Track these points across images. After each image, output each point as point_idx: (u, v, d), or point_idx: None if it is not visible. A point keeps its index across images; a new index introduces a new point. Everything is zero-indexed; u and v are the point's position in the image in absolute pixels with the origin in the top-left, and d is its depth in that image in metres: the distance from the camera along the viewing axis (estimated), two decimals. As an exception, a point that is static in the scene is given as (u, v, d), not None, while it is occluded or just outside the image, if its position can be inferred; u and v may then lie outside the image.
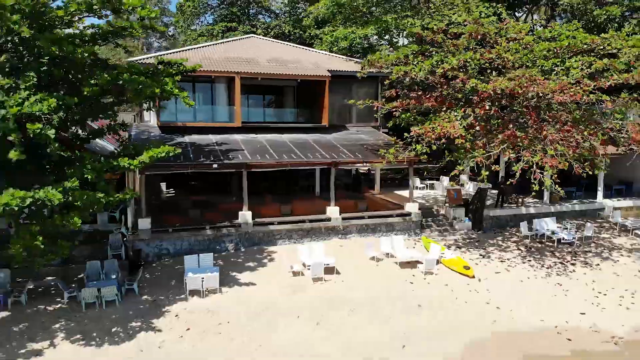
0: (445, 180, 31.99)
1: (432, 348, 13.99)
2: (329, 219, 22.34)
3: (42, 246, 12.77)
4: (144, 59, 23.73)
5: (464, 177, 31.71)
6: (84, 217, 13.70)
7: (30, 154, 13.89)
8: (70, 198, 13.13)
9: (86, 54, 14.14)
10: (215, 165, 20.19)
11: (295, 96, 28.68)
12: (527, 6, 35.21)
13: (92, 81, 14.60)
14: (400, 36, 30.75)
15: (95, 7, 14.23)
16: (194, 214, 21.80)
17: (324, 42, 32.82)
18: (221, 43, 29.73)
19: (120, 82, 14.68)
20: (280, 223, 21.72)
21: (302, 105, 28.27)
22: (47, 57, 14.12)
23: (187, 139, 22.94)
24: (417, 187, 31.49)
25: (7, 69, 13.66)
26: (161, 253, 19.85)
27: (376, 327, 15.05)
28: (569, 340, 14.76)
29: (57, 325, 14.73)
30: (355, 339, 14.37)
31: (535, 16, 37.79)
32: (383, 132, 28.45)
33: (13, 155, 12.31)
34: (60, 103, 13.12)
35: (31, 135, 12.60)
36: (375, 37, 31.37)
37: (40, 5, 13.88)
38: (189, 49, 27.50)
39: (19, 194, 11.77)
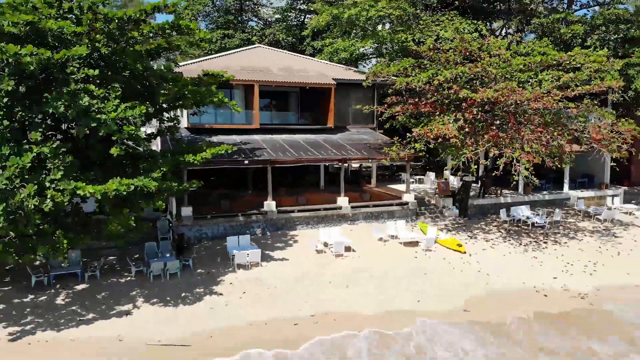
0: (431, 175, 36.05)
1: (440, 301, 17.77)
2: (340, 208, 25.90)
3: (134, 225, 15.94)
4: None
5: (447, 172, 35.68)
6: (163, 201, 16.90)
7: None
8: (152, 186, 16.28)
9: (165, 70, 17.34)
10: (246, 162, 23.50)
11: (303, 101, 32.06)
12: (502, 18, 39.54)
13: (162, 91, 17.80)
14: (392, 48, 34.42)
15: (167, 30, 17.39)
16: (224, 204, 24.99)
17: (325, 53, 36.33)
18: (233, 53, 32.86)
19: (185, 92, 17.90)
20: (299, 211, 25.17)
21: (310, 109, 31.70)
22: (127, 71, 17.22)
23: (214, 139, 26.05)
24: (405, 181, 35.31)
25: (97, 81, 16.69)
26: (201, 237, 23.06)
27: (393, 288, 18.70)
28: (545, 296, 18.75)
29: (133, 293, 17.87)
30: (378, 296, 18.00)
31: (508, 27, 42.15)
32: (379, 133, 32.15)
33: (114, 151, 15.45)
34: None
35: (126, 136, 15.69)
36: (369, 48, 35.05)
37: (123, 29, 16.98)
38: (208, 59, 30.51)
39: (125, 181, 14.91)
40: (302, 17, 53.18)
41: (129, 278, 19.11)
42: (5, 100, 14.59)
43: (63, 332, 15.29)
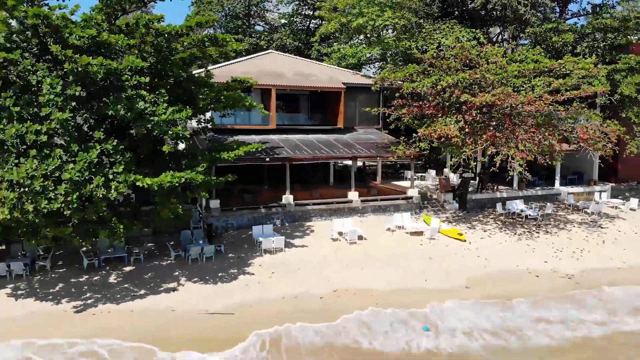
0: (432, 172, 38.63)
1: (445, 280, 20.31)
2: (350, 201, 28.40)
3: (182, 212, 18.36)
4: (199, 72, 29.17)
5: (446, 170, 38.27)
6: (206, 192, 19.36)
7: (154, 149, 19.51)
8: (196, 179, 18.72)
9: (206, 78, 19.77)
10: (267, 159, 25.96)
11: (313, 103, 34.53)
12: (498, 25, 42.10)
13: (201, 96, 20.24)
14: (396, 54, 36.95)
15: (207, 44, 19.81)
16: (247, 197, 27.47)
17: (333, 58, 38.85)
18: (250, 59, 35.16)
19: (221, 97, 20.34)
20: (314, 204, 27.66)
21: (319, 110, 34.19)
22: (172, 79, 19.65)
23: (236, 138, 28.39)
24: (407, 178, 37.86)
25: (147, 88, 19.07)
26: (228, 226, 25.52)
27: (403, 270, 21.23)
28: (537, 276, 21.31)
29: (176, 273, 20.31)
30: (390, 276, 20.51)
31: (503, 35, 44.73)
32: (385, 133, 34.64)
33: (166, 148, 17.88)
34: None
35: (174, 135, 18.09)
36: (375, 54, 37.60)
37: (169, 41, 19.40)
38: (228, 64, 32.80)
39: (177, 174, 17.32)
40: (308, 22, 55.66)
41: (169, 261, 21.55)
42: (73, 104, 16.94)
43: (122, 305, 17.71)
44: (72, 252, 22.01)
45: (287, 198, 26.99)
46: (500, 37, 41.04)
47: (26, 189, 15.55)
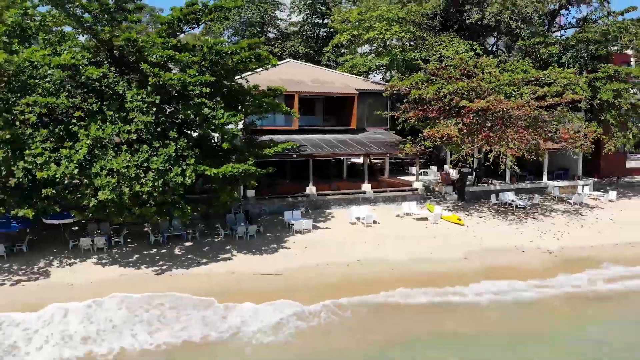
0: (434, 168, 43.17)
1: (447, 254, 24.85)
2: (364, 192, 32.91)
3: (236, 196, 22.84)
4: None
5: (446, 167, 42.76)
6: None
7: (212, 145, 24.04)
8: (246, 171, 23.21)
9: (253, 88, 24.30)
10: (294, 155, 30.45)
11: (328, 106, 39.06)
12: (492, 35, 46.68)
13: (247, 103, 24.74)
14: (402, 63, 41.44)
15: (253, 59, 24.27)
16: (276, 188, 31.99)
17: (345, 66, 43.44)
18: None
19: (263, 103, 24.86)
20: (333, 194, 32.17)
21: (333, 113, 38.73)
22: (224, 89, 24.13)
23: (265, 137, 32.88)
24: (413, 174, 42.37)
25: (207, 96, 23.46)
26: (261, 212, 30.01)
27: (412, 246, 25.74)
28: (523, 252, 25.86)
29: (227, 247, 24.80)
30: (402, 250, 25.04)
31: (499, 42, 49.33)
32: (392, 133, 39.16)
33: (225, 145, 22.35)
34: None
35: (230, 135, 22.54)
36: (383, 63, 42.16)
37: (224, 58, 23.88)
38: (254, 73, 37.14)
39: (237, 166, 21.78)
40: (317, 30, 60.08)
41: (219, 239, 26.04)
42: (154, 109, 21.37)
43: (190, 270, 22.19)
44: (135, 232, 26.38)
45: (310, 189, 31.51)
46: (495, 46, 45.62)
47: (123, 176, 20.02)
